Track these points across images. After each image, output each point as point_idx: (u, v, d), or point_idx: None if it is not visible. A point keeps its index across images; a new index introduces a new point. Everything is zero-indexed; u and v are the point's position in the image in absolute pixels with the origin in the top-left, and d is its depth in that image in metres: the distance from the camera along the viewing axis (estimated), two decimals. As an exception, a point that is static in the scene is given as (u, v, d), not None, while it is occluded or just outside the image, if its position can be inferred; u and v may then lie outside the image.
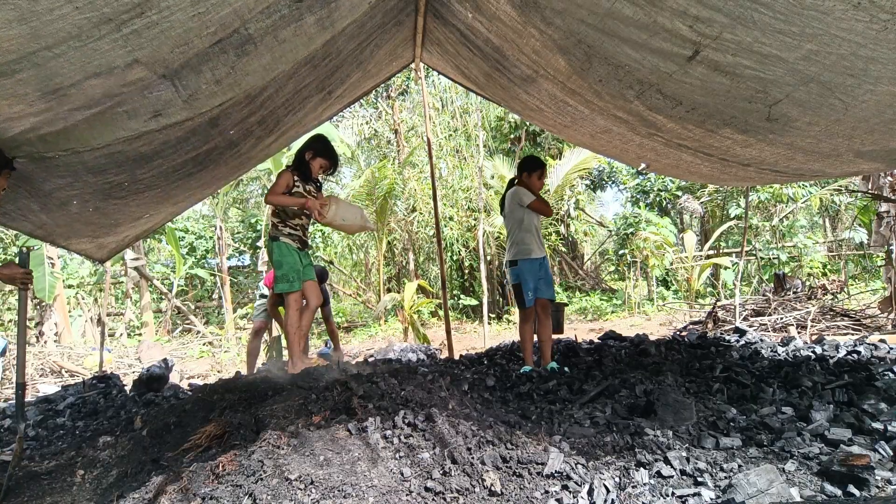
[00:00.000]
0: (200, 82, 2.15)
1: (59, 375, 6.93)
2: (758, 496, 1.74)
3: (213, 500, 1.85)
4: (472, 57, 3.79)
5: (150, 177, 2.88)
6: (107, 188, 2.77)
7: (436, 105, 12.65)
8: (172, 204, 3.73)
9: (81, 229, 3.46)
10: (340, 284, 15.06)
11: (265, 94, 2.70)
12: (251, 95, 2.57)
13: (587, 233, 14.28)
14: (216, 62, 2.07)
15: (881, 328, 5.83)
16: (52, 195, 2.71)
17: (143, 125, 2.24)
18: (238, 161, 3.49)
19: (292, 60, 2.49)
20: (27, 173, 2.42)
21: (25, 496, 2.48)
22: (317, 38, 2.48)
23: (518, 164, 4.34)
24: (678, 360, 4.00)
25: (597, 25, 2.38)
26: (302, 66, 2.69)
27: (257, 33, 2.05)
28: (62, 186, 2.63)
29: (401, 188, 11.89)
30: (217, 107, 2.41)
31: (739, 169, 3.86)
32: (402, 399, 2.54)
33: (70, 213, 3.02)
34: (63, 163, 2.38)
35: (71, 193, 2.74)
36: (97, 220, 3.31)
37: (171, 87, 2.08)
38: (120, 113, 2.12)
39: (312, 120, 4.62)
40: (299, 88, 2.97)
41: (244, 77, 2.33)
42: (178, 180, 3.19)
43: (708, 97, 2.65)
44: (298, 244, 3.73)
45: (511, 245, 4.17)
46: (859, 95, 2.23)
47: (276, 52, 2.31)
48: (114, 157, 2.42)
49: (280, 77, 2.58)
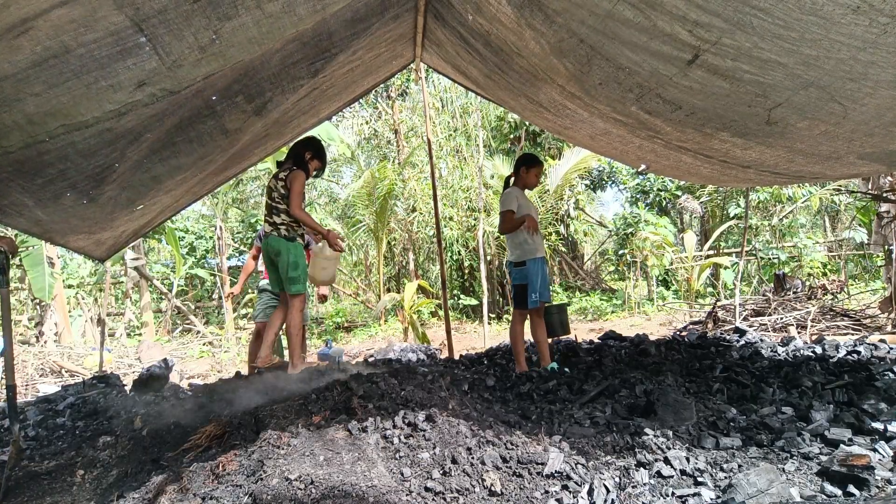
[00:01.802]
0: (183, 47, 2.14)
1: (59, 375, 6.93)
2: (758, 496, 1.74)
3: (213, 500, 1.85)
4: (471, 58, 3.79)
5: (142, 156, 2.85)
6: (99, 172, 2.75)
7: (436, 105, 12.65)
8: (165, 192, 3.69)
9: (77, 225, 3.44)
10: (340, 284, 15.08)
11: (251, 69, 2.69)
12: (237, 70, 2.56)
13: (587, 233, 14.28)
14: (197, 25, 2.07)
15: (881, 328, 5.83)
16: (46, 188, 2.70)
17: (129, 96, 2.22)
18: (227, 141, 3.42)
19: (280, 38, 2.48)
20: (19, 166, 2.42)
21: (25, 496, 2.48)
22: (307, 19, 2.48)
23: (516, 160, 4.34)
24: (678, 360, 4.00)
25: (597, 27, 2.38)
26: (289, 42, 2.69)
27: None
28: (55, 177, 2.62)
29: (401, 188, 11.90)
30: (203, 79, 2.39)
31: (739, 171, 3.87)
32: (402, 399, 2.54)
33: (64, 206, 3.00)
34: (54, 147, 2.37)
35: (63, 185, 2.73)
36: (92, 213, 3.29)
37: (153, 53, 2.07)
38: (104, 87, 2.12)
39: (311, 117, 4.62)
40: (287, 65, 2.95)
41: (229, 48, 2.31)
42: (169, 158, 3.15)
43: (707, 101, 2.65)
44: None
45: (515, 246, 4.15)
46: (859, 99, 2.23)
47: (264, 27, 2.31)
48: (103, 136, 2.41)
49: (267, 53, 2.57)
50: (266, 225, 3.76)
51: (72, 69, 1.97)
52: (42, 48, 1.85)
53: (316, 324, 11.96)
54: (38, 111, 2.11)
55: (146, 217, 4.30)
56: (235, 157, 3.97)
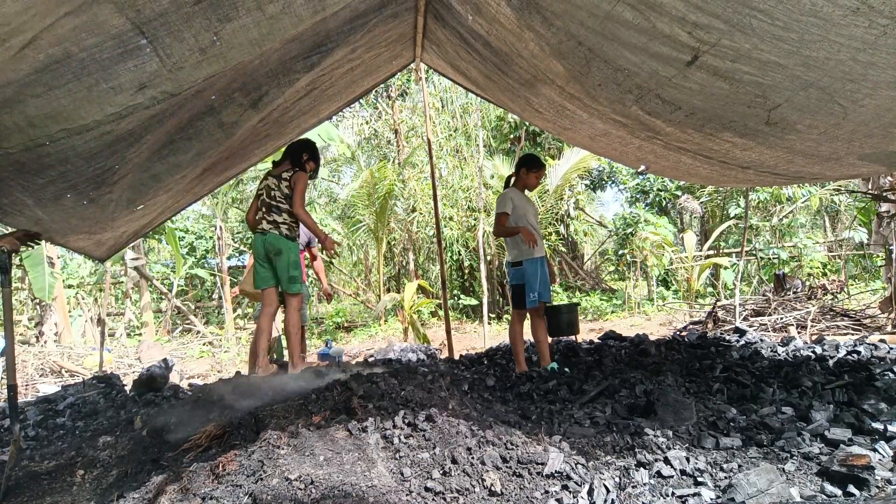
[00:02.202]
0: (184, 49, 2.15)
1: (59, 375, 6.93)
2: (758, 496, 1.75)
3: (213, 500, 1.85)
4: (471, 59, 3.79)
5: (142, 158, 2.85)
6: (99, 175, 2.76)
7: (436, 105, 12.65)
8: (165, 191, 3.69)
9: (78, 225, 3.45)
10: (340, 284, 15.07)
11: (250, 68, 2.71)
12: (237, 71, 2.57)
13: (587, 233, 14.27)
14: (198, 27, 2.07)
15: (881, 328, 5.83)
16: (46, 189, 2.71)
17: (129, 99, 2.23)
18: (223, 133, 3.42)
19: (280, 38, 2.49)
20: (20, 167, 2.42)
21: (25, 496, 2.49)
22: (307, 20, 2.49)
23: (518, 159, 4.32)
24: (678, 360, 4.00)
25: (596, 28, 2.38)
26: (288, 41, 2.70)
27: None
28: (55, 178, 2.63)
29: (401, 188, 11.90)
30: (204, 80, 2.40)
31: (739, 171, 3.87)
32: (402, 399, 2.54)
33: (65, 207, 3.01)
34: (54, 150, 2.38)
35: (64, 186, 2.74)
36: (92, 213, 3.29)
37: (153, 55, 2.08)
38: (105, 89, 2.13)
39: (311, 117, 4.61)
40: (284, 60, 2.97)
41: (230, 50, 2.31)
42: (168, 156, 3.16)
43: (707, 102, 2.66)
44: None
45: (513, 246, 4.16)
46: (858, 100, 2.23)
47: (264, 28, 2.32)
48: (103, 138, 2.42)
49: (266, 52, 2.58)
50: (264, 223, 3.74)
51: (73, 72, 1.98)
52: (45, 56, 1.87)
53: (316, 324, 11.96)
54: (39, 113, 2.11)
55: (146, 217, 4.29)
56: (236, 156, 3.97)
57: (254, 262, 3.93)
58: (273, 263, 3.74)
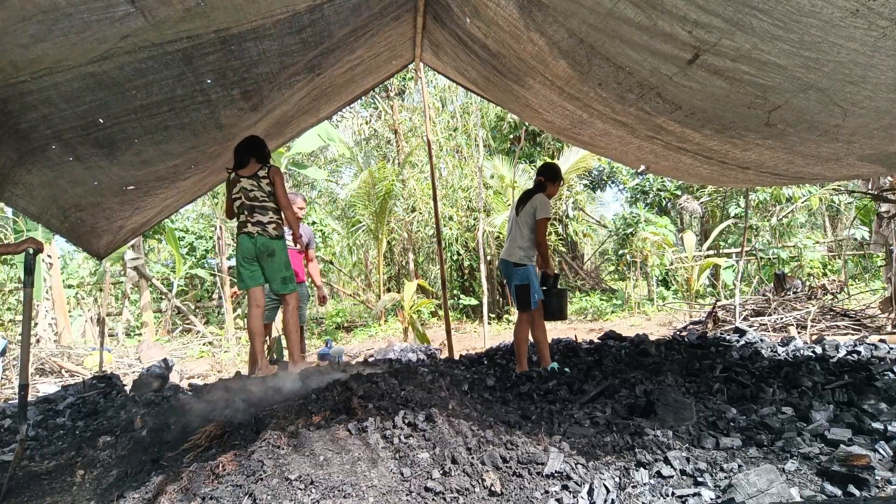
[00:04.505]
0: (170, 11, 2.20)
1: (59, 375, 6.93)
2: (758, 496, 1.75)
3: (213, 500, 1.85)
4: (470, 60, 3.80)
5: (127, 119, 2.87)
6: (84, 127, 2.78)
7: (436, 105, 12.65)
8: (156, 178, 3.68)
9: (68, 195, 3.43)
10: (340, 284, 15.06)
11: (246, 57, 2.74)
12: (226, 41, 2.56)
13: (586, 233, 14.27)
14: None
15: (881, 328, 5.83)
16: (30, 137, 2.73)
17: (113, 46, 2.29)
18: (221, 134, 3.41)
19: (266, 12, 2.49)
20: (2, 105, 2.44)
21: (25, 496, 2.49)
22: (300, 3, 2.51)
23: (542, 168, 4.34)
24: (678, 360, 4.00)
25: (598, 25, 2.38)
26: (286, 34, 2.71)
27: None
28: (37, 123, 2.65)
29: (400, 188, 11.89)
30: (187, 38, 2.42)
31: (739, 172, 3.87)
32: (402, 399, 2.54)
33: (52, 163, 3.02)
34: (36, 88, 2.41)
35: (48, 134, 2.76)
36: (80, 176, 3.28)
37: (139, 16, 2.13)
38: (90, 39, 2.17)
39: (311, 117, 4.61)
40: (286, 65, 2.97)
41: (213, 11, 2.33)
42: (161, 143, 3.16)
43: (707, 102, 2.66)
44: None
45: (520, 248, 4.16)
46: (858, 102, 2.23)
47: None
48: (86, 80, 2.45)
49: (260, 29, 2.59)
50: (249, 226, 3.63)
51: (60, 28, 2.05)
52: (32, 4, 1.91)
53: (316, 324, 11.95)
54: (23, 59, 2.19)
55: (144, 215, 4.29)
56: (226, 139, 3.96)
57: (237, 263, 3.83)
58: (262, 264, 3.71)
